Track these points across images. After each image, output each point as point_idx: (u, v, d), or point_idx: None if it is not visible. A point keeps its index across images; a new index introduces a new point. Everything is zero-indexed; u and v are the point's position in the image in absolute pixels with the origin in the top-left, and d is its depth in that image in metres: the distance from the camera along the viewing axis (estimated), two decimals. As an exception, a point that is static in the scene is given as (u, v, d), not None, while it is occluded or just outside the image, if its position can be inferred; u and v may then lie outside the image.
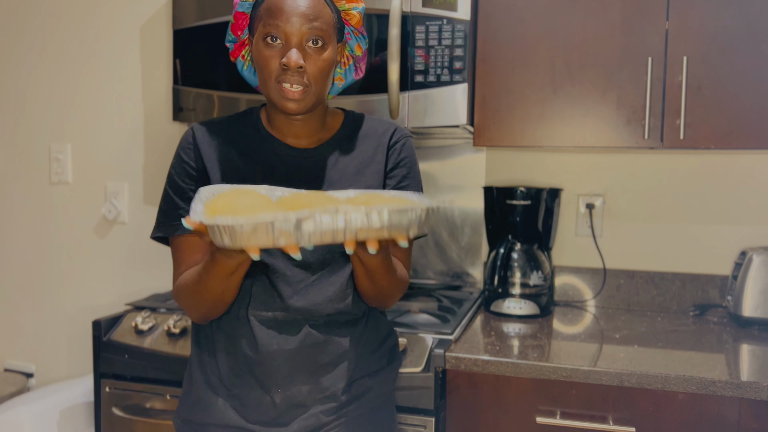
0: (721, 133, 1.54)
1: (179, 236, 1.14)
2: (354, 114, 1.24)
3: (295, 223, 0.82)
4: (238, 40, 1.18)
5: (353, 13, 1.16)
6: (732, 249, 1.85)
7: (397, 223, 0.84)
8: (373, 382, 1.19)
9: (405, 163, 1.20)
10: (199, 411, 1.16)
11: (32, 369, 2.33)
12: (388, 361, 1.24)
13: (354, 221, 0.83)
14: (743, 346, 1.53)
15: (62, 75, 2.25)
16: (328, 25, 1.09)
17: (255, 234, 0.81)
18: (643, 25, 1.57)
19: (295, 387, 1.12)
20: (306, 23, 1.06)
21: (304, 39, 1.07)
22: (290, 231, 0.82)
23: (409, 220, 0.85)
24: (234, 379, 1.14)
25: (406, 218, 0.85)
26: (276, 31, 1.06)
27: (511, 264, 1.81)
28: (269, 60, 1.07)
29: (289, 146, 1.17)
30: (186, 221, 0.86)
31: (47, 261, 2.31)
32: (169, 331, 1.58)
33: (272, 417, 1.13)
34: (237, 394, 1.13)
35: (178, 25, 1.86)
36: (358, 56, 1.23)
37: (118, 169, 2.22)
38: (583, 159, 1.95)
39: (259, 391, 1.12)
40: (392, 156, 1.20)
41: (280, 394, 1.12)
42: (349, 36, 1.19)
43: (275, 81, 1.08)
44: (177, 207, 1.14)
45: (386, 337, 1.25)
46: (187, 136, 1.17)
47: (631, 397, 1.33)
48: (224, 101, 1.81)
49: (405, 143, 1.21)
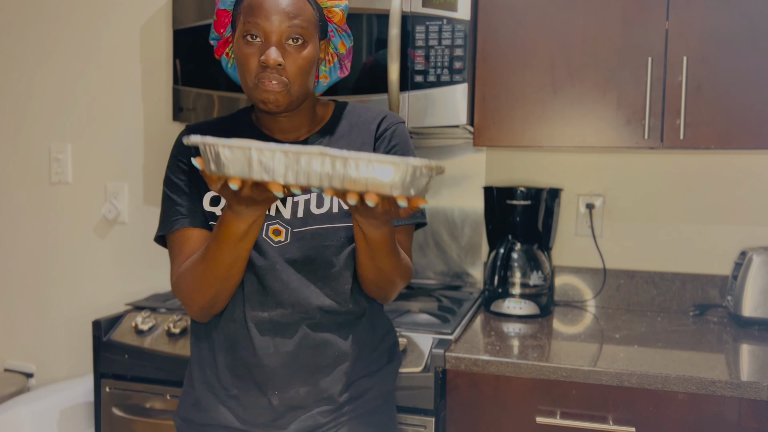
0: (721, 133, 1.54)
1: (177, 231, 1.13)
2: (344, 104, 1.23)
3: (282, 157, 0.82)
4: (221, 37, 1.18)
5: (335, 10, 1.15)
6: (732, 249, 1.85)
7: (379, 177, 0.81)
8: (373, 382, 1.19)
9: (397, 150, 1.18)
10: (198, 411, 1.17)
11: (32, 369, 2.33)
12: (388, 360, 1.24)
13: (337, 169, 0.81)
14: (743, 346, 1.53)
15: (62, 75, 2.25)
16: (308, 22, 1.09)
17: (237, 162, 0.82)
18: (643, 25, 1.57)
19: (293, 389, 1.12)
20: (285, 21, 1.05)
21: (284, 37, 1.06)
22: (273, 166, 0.82)
23: (393, 176, 0.80)
24: (232, 380, 1.13)
25: (389, 174, 0.80)
26: (255, 29, 1.06)
27: (511, 264, 1.81)
28: (248, 58, 1.07)
29: (277, 141, 1.17)
30: (185, 140, 0.86)
31: (47, 261, 2.31)
32: (169, 331, 1.58)
33: (270, 419, 1.12)
34: (236, 395, 1.13)
35: (178, 25, 1.87)
36: (343, 54, 1.22)
37: (118, 169, 2.22)
38: (583, 159, 1.95)
39: (257, 393, 1.12)
40: (381, 145, 1.17)
41: (277, 397, 1.12)
42: (333, 34, 1.19)
43: (255, 79, 1.07)
44: (174, 204, 1.15)
45: (385, 335, 1.25)
46: (179, 138, 1.20)
47: (631, 397, 1.33)
48: (224, 101, 1.81)
49: (395, 130, 1.19)
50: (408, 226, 1.21)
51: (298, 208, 1.13)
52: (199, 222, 1.13)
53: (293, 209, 1.13)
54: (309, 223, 1.12)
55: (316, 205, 1.13)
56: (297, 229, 1.12)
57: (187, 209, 1.14)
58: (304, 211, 1.13)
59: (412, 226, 1.22)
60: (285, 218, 1.12)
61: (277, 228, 1.12)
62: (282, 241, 1.11)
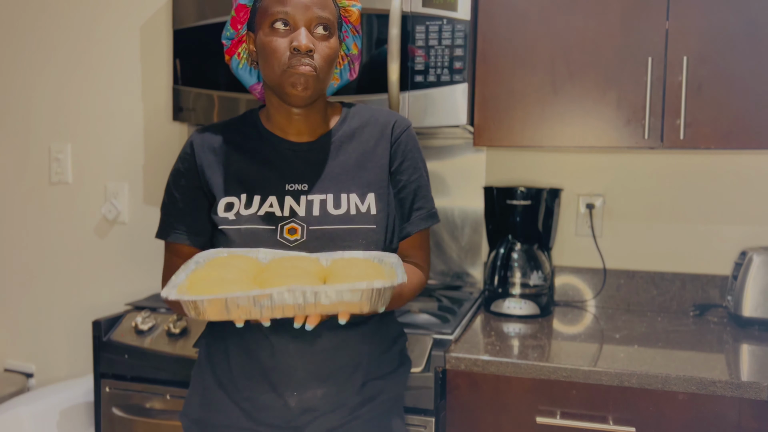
0: (721, 133, 1.54)
1: (170, 242, 1.20)
2: (352, 105, 1.24)
3: (254, 300, 0.91)
4: (237, 35, 1.18)
5: (352, 10, 1.17)
6: (732, 249, 1.85)
7: (348, 300, 0.92)
8: (384, 384, 1.18)
9: (412, 156, 1.21)
10: (211, 412, 1.16)
11: (32, 369, 2.33)
12: (399, 363, 1.23)
13: (308, 299, 0.92)
14: (743, 346, 1.53)
15: (62, 75, 2.25)
16: (333, 16, 1.11)
17: (216, 310, 0.91)
18: (643, 25, 1.57)
19: (311, 391, 1.11)
20: (314, 9, 1.07)
21: (313, 25, 1.08)
22: (250, 307, 0.91)
23: (360, 298, 0.93)
24: (246, 382, 1.13)
25: (357, 297, 0.92)
26: (284, 16, 1.07)
27: (511, 264, 1.81)
28: (278, 45, 1.07)
29: (290, 142, 1.17)
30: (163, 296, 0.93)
31: (47, 261, 2.31)
32: (169, 331, 1.58)
33: (285, 420, 1.11)
34: (249, 396, 1.12)
35: (178, 25, 1.86)
36: (354, 55, 1.23)
37: (118, 169, 2.22)
38: (583, 159, 1.95)
39: (274, 394, 1.11)
40: (398, 150, 1.19)
41: (296, 398, 1.11)
42: (347, 34, 1.20)
43: (285, 66, 1.07)
44: (172, 213, 1.20)
45: (397, 338, 1.25)
46: (185, 147, 1.20)
47: (631, 397, 1.33)
48: (224, 101, 1.81)
49: (408, 133, 1.22)
50: (422, 231, 1.23)
51: (314, 206, 1.13)
52: (192, 240, 1.18)
53: (308, 207, 1.13)
54: (326, 222, 1.12)
55: (334, 206, 1.13)
56: (314, 227, 1.11)
57: (185, 223, 1.18)
58: (320, 210, 1.12)
59: (427, 229, 1.24)
60: (300, 216, 1.12)
61: (293, 227, 1.11)
62: (298, 239, 1.11)
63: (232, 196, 1.14)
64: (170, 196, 1.20)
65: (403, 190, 1.19)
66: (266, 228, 1.10)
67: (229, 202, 1.14)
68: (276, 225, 1.11)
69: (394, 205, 1.19)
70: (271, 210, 1.12)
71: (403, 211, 1.20)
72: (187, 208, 1.18)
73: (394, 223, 1.18)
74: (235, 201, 1.14)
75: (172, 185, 1.19)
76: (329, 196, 1.13)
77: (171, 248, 1.20)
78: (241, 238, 1.10)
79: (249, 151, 1.17)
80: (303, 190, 1.14)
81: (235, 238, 1.10)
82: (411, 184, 1.20)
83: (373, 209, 1.13)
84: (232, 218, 1.12)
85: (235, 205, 1.14)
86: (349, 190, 1.14)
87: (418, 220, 1.20)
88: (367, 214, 1.12)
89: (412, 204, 1.20)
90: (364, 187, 1.15)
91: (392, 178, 1.19)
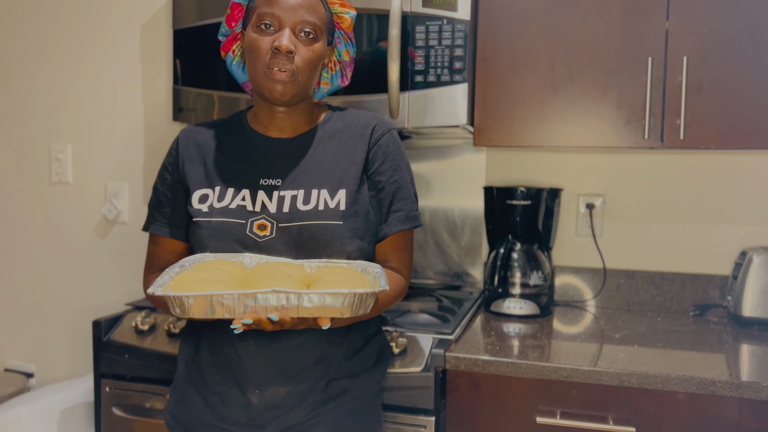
0: (721, 133, 1.54)
1: (152, 234, 1.24)
2: (338, 108, 1.26)
3: (238, 299, 0.93)
4: (231, 32, 1.20)
5: (345, 17, 1.19)
6: (732, 249, 1.85)
7: (330, 305, 0.95)
8: (352, 384, 1.18)
9: (392, 157, 1.21)
10: (183, 408, 1.18)
11: (32, 369, 2.33)
12: (375, 362, 1.23)
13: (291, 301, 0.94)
14: (743, 346, 1.53)
15: (62, 75, 2.25)
16: (321, 21, 1.13)
17: (201, 307, 0.94)
18: (643, 25, 1.57)
19: (273, 389, 1.12)
20: (300, 13, 1.10)
21: (297, 28, 1.10)
22: (235, 306, 0.94)
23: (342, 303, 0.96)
24: (215, 376, 1.14)
25: (339, 302, 0.95)
26: (271, 18, 1.09)
27: (511, 264, 1.81)
28: (261, 44, 1.10)
29: (270, 138, 1.19)
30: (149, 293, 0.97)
31: (47, 261, 2.31)
32: (169, 331, 1.58)
33: (248, 418, 1.12)
34: (218, 391, 1.14)
35: (178, 25, 1.87)
36: (346, 62, 1.25)
37: (118, 169, 2.22)
38: (583, 159, 1.95)
39: (237, 391, 1.12)
40: (378, 152, 1.20)
41: (257, 395, 1.11)
42: (339, 40, 1.21)
43: (265, 65, 1.10)
44: (155, 206, 1.24)
45: (373, 336, 1.25)
46: (173, 143, 1.25)
47: (631, 397, 1.33)
48: (224, 101, 1.81)
49: (390, 137, 1.22)
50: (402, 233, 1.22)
51: (284, 203, 1.14)
52: (171, 231, 1.21)
53: (279, 203, 1.14)
54: (295, 218, 1.12)
55: (303, 201, 1.14)
56: (283, 224, 1.13)
57: (166, 216, 1.22)
58: (290, 206, 1.13)
59: (408, 231, 1.23)
60: (271, 212, 1.13)
61: (263, 223, 1.13)
62: (267, 236, 1.12)
63: (206, 188, 1.17)
64: (155, 189, 1.24)
65: (381, 191, 1.20)
66: (236, 221, 1.13)
67: (203, 194, 1.17)
68: (246, 219, 1.13)
69: (371, 205, 1.19)
70: (243, 203, 1.14)
71: (381, 212, 1.20)
72: (167, 201, 1.22)
73: (367, 222, 1.18)
74: (210, 193, 1.17)
75: (158, 179, 1.24)
76: (300, 191, 1.15)
77: (153, 239, 1.24)
78: (212, 231, 1.13)
79: (229, 146, 1.21)
80: (276, 185, 1.16)
81: (206, 230, 1.13)
82: (390, 185, 1.20)
83: (342, 205, 1.14)
84: (205, 210, 1.15)
85: (209, 197, 1.16)
86: (321, 186, 1.15)
87: (395, 222, 1.20)
88: (335, 210, 1.13)
89: (390, 205, 1.20)
90: (335, 183, 1.16)
91: (372, 180, 1.20)
